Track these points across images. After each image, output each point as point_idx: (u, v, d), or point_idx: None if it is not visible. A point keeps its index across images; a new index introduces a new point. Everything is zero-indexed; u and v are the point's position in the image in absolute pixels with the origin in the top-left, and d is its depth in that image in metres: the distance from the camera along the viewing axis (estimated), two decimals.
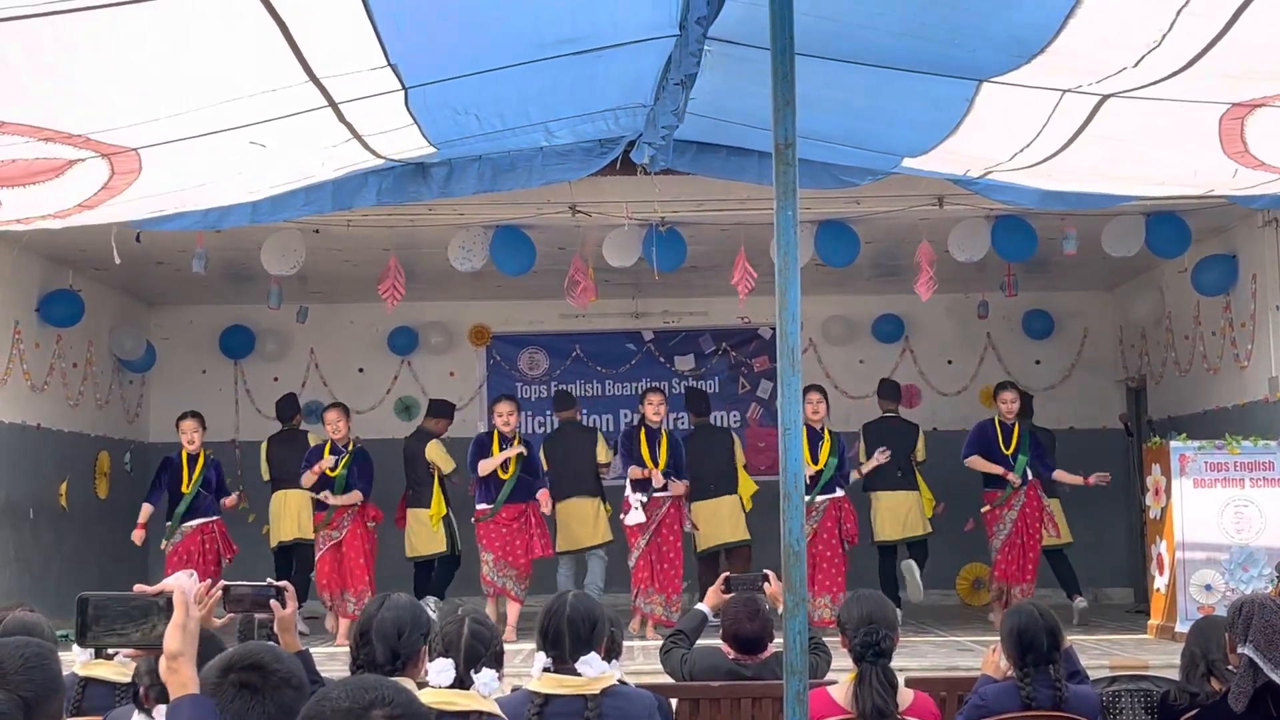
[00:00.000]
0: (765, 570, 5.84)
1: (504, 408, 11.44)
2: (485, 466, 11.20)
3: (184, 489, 11.33)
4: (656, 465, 11.21)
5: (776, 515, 3.59)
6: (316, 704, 2.31)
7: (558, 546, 11.74)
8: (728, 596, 5.77)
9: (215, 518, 11.53)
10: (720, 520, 11.79)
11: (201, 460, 11.41)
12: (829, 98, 5.09)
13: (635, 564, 11.23)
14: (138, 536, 11.51)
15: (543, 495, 11.30)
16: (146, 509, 11.50)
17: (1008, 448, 11.59)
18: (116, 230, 8.82)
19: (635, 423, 11.96)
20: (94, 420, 13.40)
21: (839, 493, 11.33)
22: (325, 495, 11.36)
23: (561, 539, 11.82)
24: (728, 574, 6.12)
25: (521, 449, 11.26)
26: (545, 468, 11.69)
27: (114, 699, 4.56)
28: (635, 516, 11.16)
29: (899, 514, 12.14)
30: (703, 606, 5.93)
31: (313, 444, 11.85)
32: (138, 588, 2.84)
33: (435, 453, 12.19)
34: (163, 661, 2.72)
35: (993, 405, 14.11)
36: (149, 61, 3.93)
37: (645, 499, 11.16)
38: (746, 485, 12.04)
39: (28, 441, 11.92)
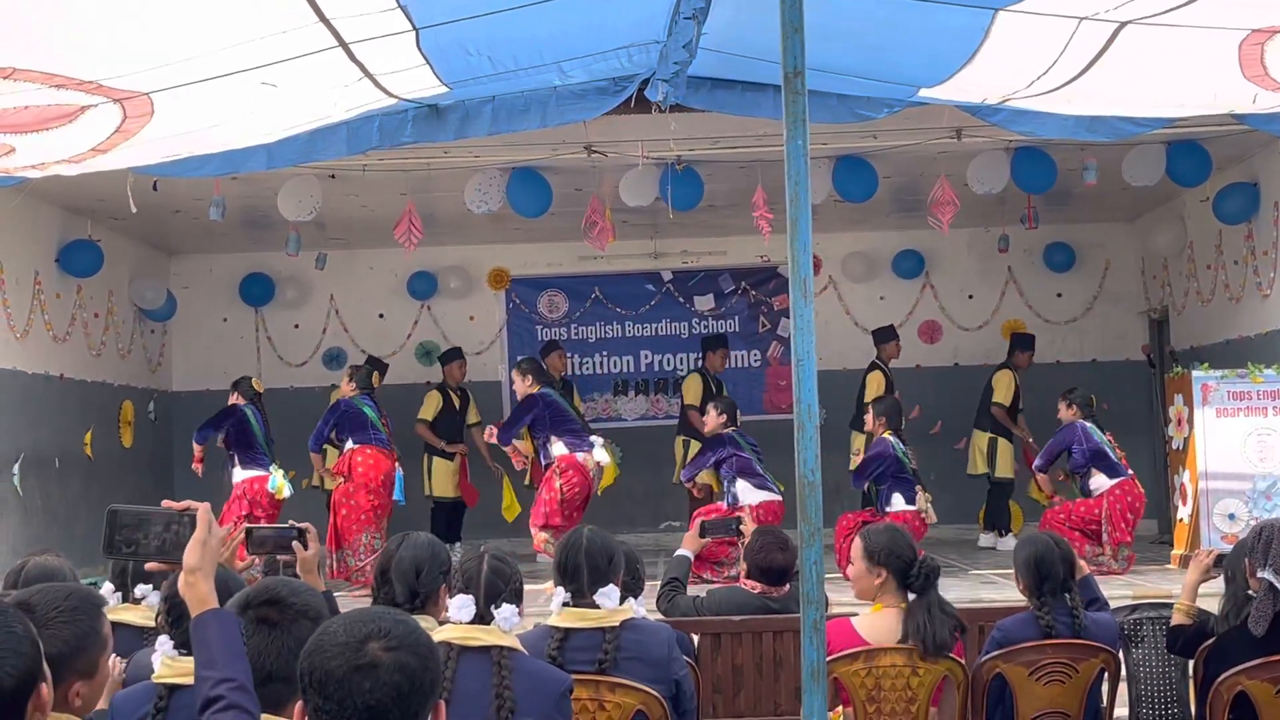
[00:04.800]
0: (739, 515, 6.14)
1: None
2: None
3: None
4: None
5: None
6: (317, 639, 2.34)
7: None
8: (705, 540, 6.28)
9: None
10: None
11: None
12: (842, 29, 5.04)
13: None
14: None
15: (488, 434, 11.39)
16: None
17: None
18: (133, 179, 8.80)
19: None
20: (117, 370, 13.46)
21: None
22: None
23: None
24: (702, 519, 6.46)
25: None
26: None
27: (140, 642, 4.60)
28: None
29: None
30: (684, 550, 6.14)
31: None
32: (165, 503, 2.91)
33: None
34: (182, 577, 2.77)
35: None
36: (158, 6, 3.91)
37: None
38: None
39: (51, 392, 11.99)
